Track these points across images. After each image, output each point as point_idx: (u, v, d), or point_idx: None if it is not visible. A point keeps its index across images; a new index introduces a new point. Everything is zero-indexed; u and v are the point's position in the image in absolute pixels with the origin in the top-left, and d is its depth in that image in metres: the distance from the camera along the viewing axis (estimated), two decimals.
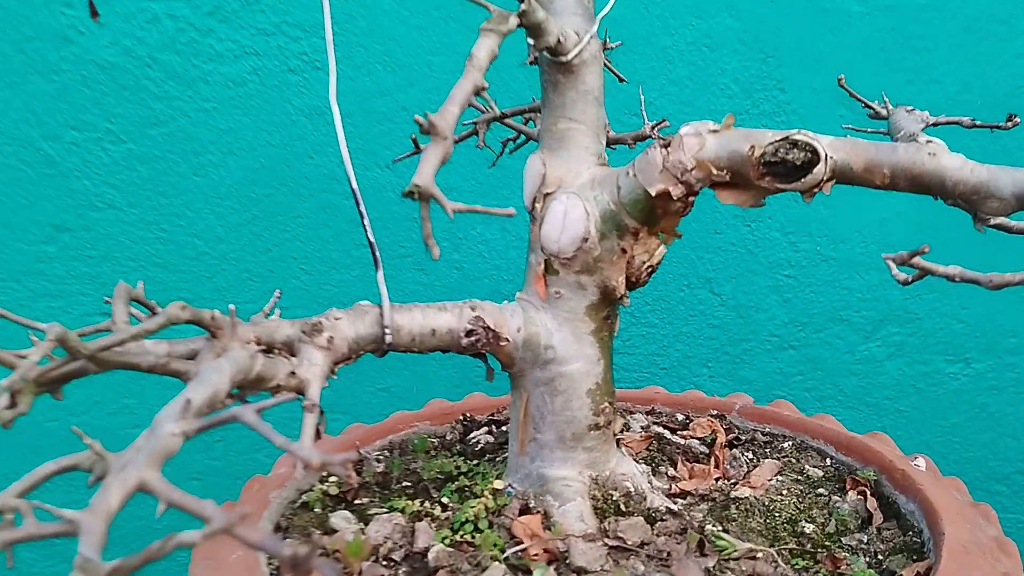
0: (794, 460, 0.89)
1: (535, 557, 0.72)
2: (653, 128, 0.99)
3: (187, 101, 1.44)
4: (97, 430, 1.54)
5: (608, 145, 0.96)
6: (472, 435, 0.96)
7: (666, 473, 0.86)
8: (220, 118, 1.45)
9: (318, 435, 0.67)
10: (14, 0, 1.40)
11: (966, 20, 1.47)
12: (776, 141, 0.69)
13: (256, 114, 1.46)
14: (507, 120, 1.03)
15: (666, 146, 0.72)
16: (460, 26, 1.43)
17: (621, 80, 1.00)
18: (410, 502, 0.79)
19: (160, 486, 0.50)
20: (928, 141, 0.69)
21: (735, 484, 0.84)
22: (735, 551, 0.72)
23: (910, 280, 0.65)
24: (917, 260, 0.61)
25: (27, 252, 1.46)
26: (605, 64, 0.91)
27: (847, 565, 0.72)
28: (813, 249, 1.53)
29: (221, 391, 0.61)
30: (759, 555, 0.71)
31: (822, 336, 1.57)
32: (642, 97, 1.03)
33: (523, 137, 1.06)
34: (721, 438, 0.90)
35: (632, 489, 0.79)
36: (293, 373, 0.68)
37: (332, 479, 0.88)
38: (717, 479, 0.85)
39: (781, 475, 0.86)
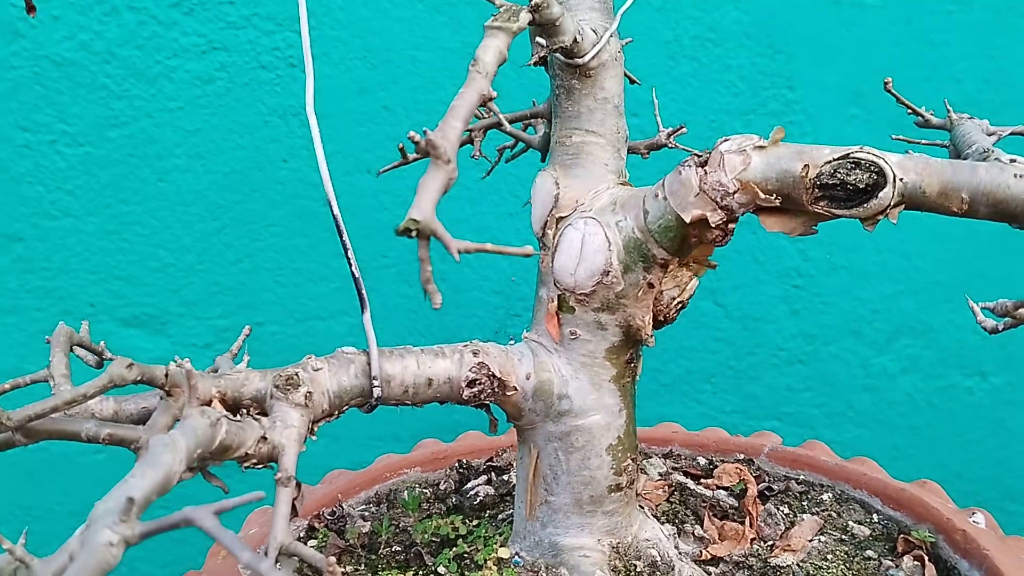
0: (835, 515, 0.79)
1: None
2: (670, 136, 0.88)
3: (150, 100, 1.32)
4: (56, 457, 1.42)
5: None
6: (469, 485, 0.84)
7: (692, 533, 0.75)
8: (186, 119, 1.33)
9: (294, 511, 0.56)
10: None
11: (986, 13, 1.37)
12: (834, 160, 0.58)
13: (225, 114, 1.33)
14: (504, 126, 0.91)
15: (703, 165, 0.61)
16: (446, 18, 1.32)
17: (633, 82, 0.88)
18: (402, 575, 0.68)
19: None
20: (1012, 160, 0.59)
21: (772, 547, 0.73)
22: None
23: (1000, 328, 0.54)
24: (1022, 312, 0.50)
25: None
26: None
27: None
28: (824, 258, 1.43)
29: (174, 474, 0.49)
30: None
31: (832, 350, 1.47)
32: (655, 100, 0.92)
33: (521, 144, 0.95)
34: (752, 490, 0.79)
35: (658, 557, 0.68)
36: (264, 438, 0.57)
37: (312, 542, 0.76)
38: (752, 540, 0.74)
39: (823, 534, 0.75)
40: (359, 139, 1.35)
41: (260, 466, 0.58)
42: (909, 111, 0.80)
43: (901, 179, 0.58)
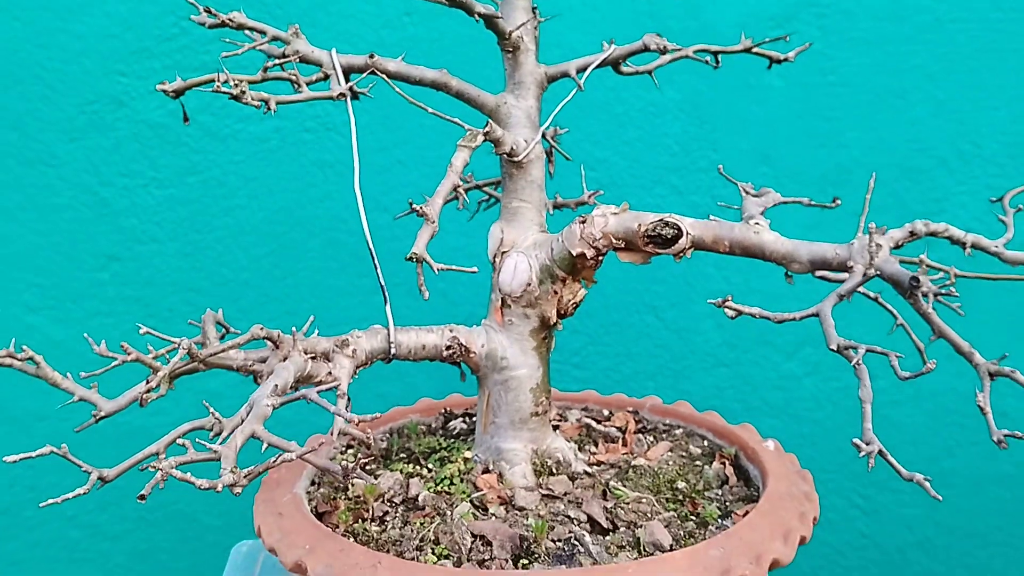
0: (683, 443, 1.31)
1: (491, 501, 1.13)
2: (590, 196, 1.41)
3: (220, 154, 1.86)
4: (137, 429, 1.94)
5: (557, 207, 1.39)
6: (451, 423, 1.37)
7: (589, 450, 1.27)
8: (246, 168, 1.87)
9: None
10: (79, 69, 1.82)
11: (869, 95, 1.87)
12: (654, 221, 1.11)
13: (277, 166, 1.87)
14: (482, 187, 1.45)
15: (583, 222, 1.14)
16: (448, 95, 1.85)
17: (567, 159, 1.41)
18: (406, 466, 1.21)
19: (264, 434, 0.91)
20: (756, 222, 1.11)
21: (636, 457, 1.25)
22: (627, 498, 1.13)
23: (734, 316, 1.07)
24: (729, 304, 1.02)
25: (84, 278, 1.87)
26: (557, 150, 1.33)
27: (702, 508, 1.13)
28: (743, 282, 1.94)
29: (288, 381, 1.02)
30: (643, 500, 1.13)
31: (751, 356, 1.96)
32: (583, 172, 1.44)
33: (493, 199, 1.48)
34: (632, 426, 1.32)
35: (561, 459, 1.20)
36: (330, 373, 1.09)
37: (350, 451, 1.29)
38: (624, 454, 1.26)
39: (671, 452, 1.27)
40: (378, 185, 1.88)
41: (327, 388, 1.11)
42: (737, 186, 1.31)
43: (690, 233, 1.10)
